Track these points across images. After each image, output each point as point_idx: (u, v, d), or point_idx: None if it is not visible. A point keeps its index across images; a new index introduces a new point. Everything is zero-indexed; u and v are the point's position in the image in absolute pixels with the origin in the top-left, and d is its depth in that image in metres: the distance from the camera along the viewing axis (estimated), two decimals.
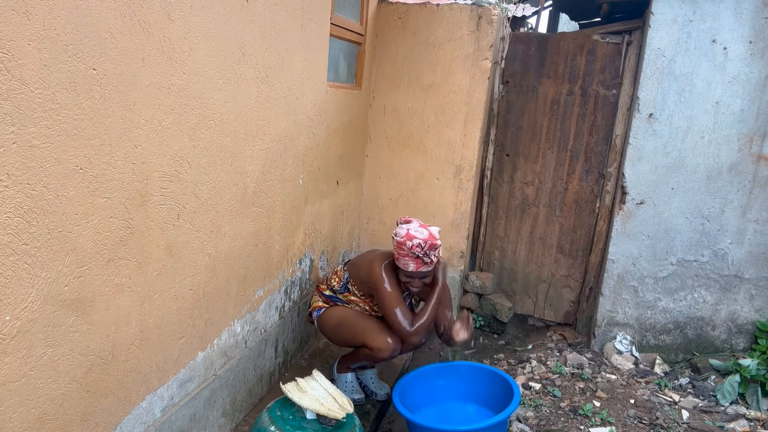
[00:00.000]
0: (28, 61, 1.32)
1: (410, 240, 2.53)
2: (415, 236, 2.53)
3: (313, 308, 2.95)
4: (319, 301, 2.95)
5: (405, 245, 2.54)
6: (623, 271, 3.64)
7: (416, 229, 2.57)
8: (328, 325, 2.85)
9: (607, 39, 3.74)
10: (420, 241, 2.52)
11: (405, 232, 2.56)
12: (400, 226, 2.63)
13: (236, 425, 2.62)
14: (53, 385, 1.55)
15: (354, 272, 2.83)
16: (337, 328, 2.82)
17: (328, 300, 2.91)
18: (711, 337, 3.61)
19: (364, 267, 2.75)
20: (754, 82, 3.27)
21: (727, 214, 3.44)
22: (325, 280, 2.99)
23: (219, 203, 2.21)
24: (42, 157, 1.40)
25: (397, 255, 2.60)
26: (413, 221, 2.66)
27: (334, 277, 2.93)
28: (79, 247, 1.56)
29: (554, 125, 3.95)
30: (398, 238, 2.57)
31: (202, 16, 1.93)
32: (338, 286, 2.88)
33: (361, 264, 2.80)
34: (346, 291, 2.86)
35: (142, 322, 1.88)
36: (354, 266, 2.85)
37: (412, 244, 2.52)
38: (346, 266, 2.91)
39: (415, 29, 3.80)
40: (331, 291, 2.91)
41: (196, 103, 1.97)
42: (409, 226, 2.60)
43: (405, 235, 2.55)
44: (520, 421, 2.97)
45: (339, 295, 2.88)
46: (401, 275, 2.65)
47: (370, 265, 2.71)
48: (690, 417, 3.04)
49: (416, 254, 2.53)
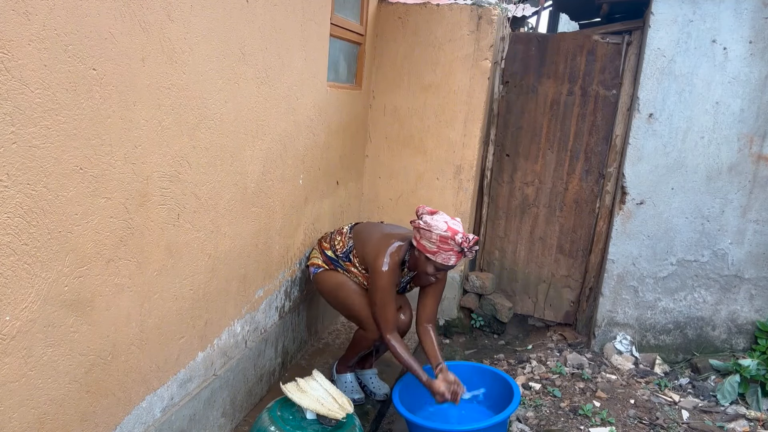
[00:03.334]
0: (28, 61, 1.32)
1: (456, 235, 2.43)
2: (458, 230, 2.45)
3: (312, 263, 2.89)
4: (318, 258, 2.88)
5: (453, 240, 2.43)
6: (623, 271, 3.64)
7: (454, 223, 2.48)
8: (326, 286, 2.83)
9: (607, 39, 3.74)
10: (462, 234, 2.44)
11: (445, 226, 2.45)
12: (432, 218, 2.50)
13: (236, 425, 2.62)
14: (53, 385, 1.55)
15: (359, 246, 2.75)
16: (336, 292, 2.80)
17: (328, 261, 2.84)
18: (711, 337, 3.61)
19: (370, 251, 2.66)
20: (754, 82, 3.27)
21: (727, 214, 3.44)
22: (329, 237, 2.91)
23: (219, 203, 2.21)
24: (42, 157, 1.40)
25: (435, 249, 2.47)
26: (439, 212, 2.55)
27: (338, 238, 2.85)
28: (79, 247, 1.56)
29: (554, 125, 3.95)
30: (440, 233, 2.44)
31: (202, 16, 1.93)
32: (341, 251, 2.80)
33: (367, 243, 2.71)
34: (348, 261, 2.79)
35: (142, 322, 1.88)
36: (360, 241, 2.76)
37: (461, 240, 2.43)
38: (352, 232, 2.83)
39: (415, 29, 3.80)
40: (333, 253, 2.83)
41: (196, 103, 1.97)
42: (444, 218, 2.49)
43: (448, 230, 2.44)
44: (520, 421, 2.97)
45: (341, 262, 2.81)
46: (425, 266, 2.55)
47: (376, 252, 2.62)
48: (690, 417, 3.04)
49: (463, 249, 2.45)
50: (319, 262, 2.88)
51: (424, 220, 2.51)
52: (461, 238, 2.43)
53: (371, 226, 2.87)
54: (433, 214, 2.53)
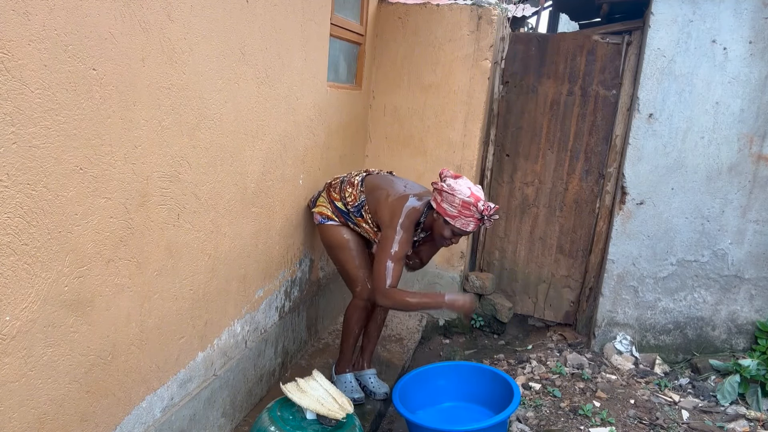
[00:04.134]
0: (28, 61, 1.32)
1: (479, 202, 2.41)
2: (480, 197, 2.42)
3: (319, 212, 2.83)
4: (327, 208, 2.82)
5: (475, 206, 2.40)
6: (623, 271, 3.64)
7: (477, 189, 2.45)
8: (329, 241, 2.82)
9: (607, 39, 3.74)
10: (484, 202, 2.42)
11: (469, 192, 2.41)
12: (456, 182, 2.45)
13: (236, 425, 2.62)
14: (53, 385, 1.55)
15: (371, 202, 2.68)
16: (336, 249, 2.81)
17: (338, 214, 2.78)
18: (711, 337, 3.61)
19: (386, 209, 2.59)
20: (754, 82, 3.27)
21: (727, 214, 3.44)
22: (339, 187, 2.81)
23: (219, 203, 2.21)
24: (42, 157, 1.40)
25: (456, 213, 2.43)
26: (462, 176, 2.50)
27: (349, 190, 2.76)
28: (79, 248, 1.56)
29: (554, 125, 3.95)
30: (464, 198, 2.40)
31: (202, 17, 1.93)
32: (352, 205, 2.73)
33: (382, 201, 2.63)
34: (359, 216, 2.73)
35: (142, 323, 1.88)
36: (373, 197, 2.68)
37: (483, 207, 2.41)
38: (364, 186, 2.75)
39: (415, 29, 3.80)
40: (344, 206, 2.76)
41: (196, 103, 1.97)
42: (468, 184, 2.44)
43: (471, 196, 2.41)
44: (520, 421, 2.97)
45: (352, 216, 2.75)
46: (442, 229, 2.51)
47: (392, 211, 2.55)
48: (690, 417, 3.04)
49: (483, 216, 2.43)
50: (327, 212, 2.81)
51: (448, 183, 2.46)
52: (483, 205, 2.42)
53: (384, 180, 2.76)
54: (457, 179, 2.48)
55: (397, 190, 2.66)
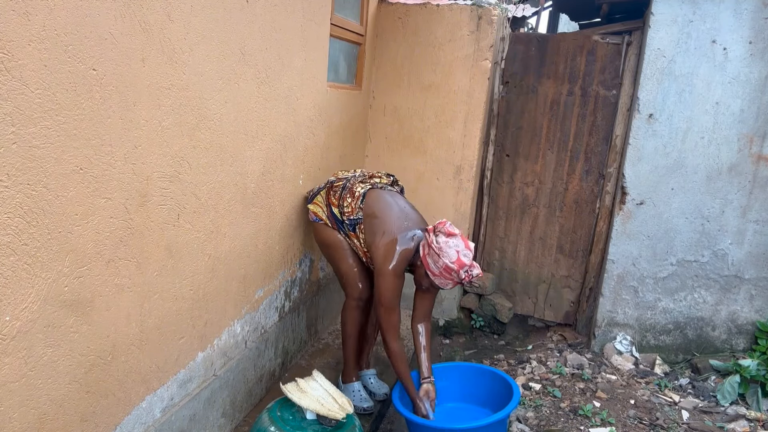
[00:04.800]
0: (28, 61, 1.32)
1: (462, 269, 2.43)
2: (465, 263, 2.43)
3: (314, 212, 2.83)
4: (322, 211, 2.81)
5: (456, 272, 2.43)
6: (623, 272, 3.64)
7: (465, 253, 2.44)
8: (321, 239, 2.84)
9: (607, 39, 3.74)
10: (467, 268, 2.44)
11: (455, 257, 2.42)
12: (447, 242, 2.45)
13: (236, 426, 2.62)
14: (53, 385, 1.55)
15: (367, 230, 2.66)
16: (328, 248, 2.83)
17: (332, 220, 2.78)
18: (711, 338, 3.60)
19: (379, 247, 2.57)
20: (754, 82, 3.27)
21: (727, 214, 3.44)
22: (340, 194, 2.76)
23: (219, 203, 2.21)
24: (42, 157, 1.40)
25: (437, 272, 2.48)
26: (457, 235, 2.48)
27: (348, 200, 2.72)
28: (79, 248, 1.56)
29: (554, 125, 3.95)
30: (447, 262, 2.42)
31: (202, 17, 1.93)
32: (348, 218, 2.71)
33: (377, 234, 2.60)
34: (353, 231, 2.72)
35: (142, 323, 1.88)
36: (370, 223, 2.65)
37: (464, 275, 2.44)
38: (364, 203, 2.69)
39: (415, 29, 3.80)
40: (340, 214, 2.74)
41: (196, 103, 1.97)
42: (458, 246, 2.44)
43: (456, 262, 2.41)
44: (521, 422, 2.97)
45: (345, 228, 2.74)
46: (421, 278, 2.59)
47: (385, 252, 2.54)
48: (690, 417, 3.03)
49: (462, 281, 2.48)
50: (321, 215, 2.81)
51: (438, 241, 2.46)
52: (464, 274, 2.44)
53: (384, 206, 2.68)
54: (450, 237, 2.47)
55: (392, 227, 2.61)
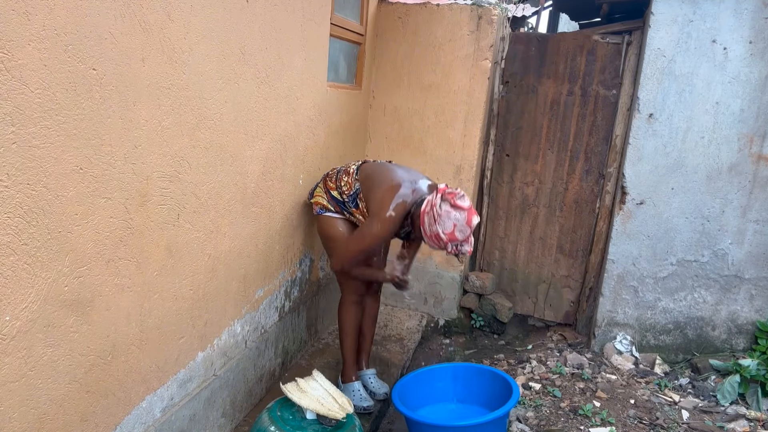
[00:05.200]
0: (28, 61, 1.32)
1: (449, 243, 2.40)
2: (456, 238, 2.39)
3: (316, 203, 2.83)
4: (323, 198, 2.81)
5: (444, 244, 2.41)
6: (623, 271, 3.64)
7: (461, 228, 2.37)
8: (324, 231, 2.83)
9: (607, 39, 3.74)
10: (456, 244, 2.41)
11: (450, 229, 2.36)
12: (450, 212, 2.37)
13: (236, 425, 2.62)
14: (53, 385, 1.55)
15: (365, 190, 2.65)
16: (329, 241, 2.82)
17: (334, 203, 2.77)
18: (711, 337, 3.60)
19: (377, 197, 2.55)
20: (754, 82, 3.27)
21: (727, 214, 3.44)
22: (335, 176, 2.80)
23: (219, 203, 2.21)
24: (42, 157, 1.40)
25: (428, 233, 2.42)
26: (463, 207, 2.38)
27: (344, 179, 2.74)
28: (79, 247, 1.56)
29: (554, 125, 3.95)
30: (440, 230, 2.37)
31: (202, 16, 1.93)
32: (348, 194, 2.70)
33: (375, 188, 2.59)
34: (354, 206, 2.70)
35: (141, 323, 1.88)
36: (367, 185, 2.65)
37: (450, 249, 2.43)
38: (359, 174, 2.71)
39: (415, 29, 3.80)
40: (340, 195, 2.74)
41: (196, 103, 1.97)
42: (457, 218, 2.36)
43: (447, 234, 2.37)
44: (520, 421, 2.97)
45: (348, 206, 2.73)
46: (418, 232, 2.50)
47: (381, 200, 2.52)
48: (690, 417, 3.04)
49: (449, 253, 2.46)
50: (323, 202, 2.80)
51: (441, 208, 2.38)
52: (452, 247, 2.42)
53: (381, 167, 2.71)
54: (455, 209, 2.37)
55: (392, 178, 2.59)
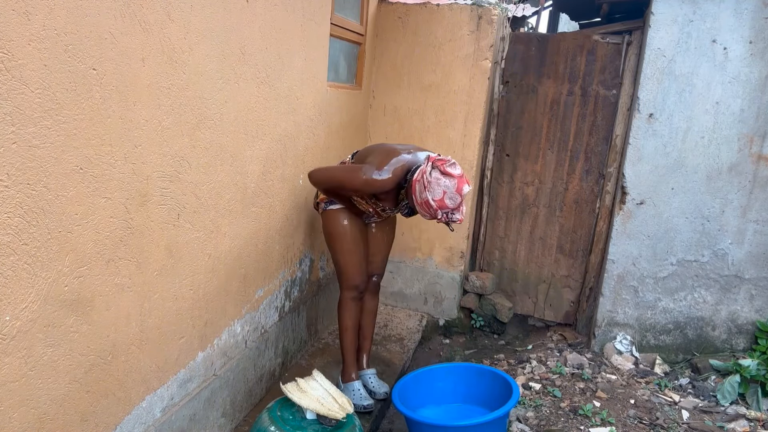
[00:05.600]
0: (28, 61, 1.32)
1: (438, 211, 2.38)
2: (446, 205, 2.37)
3: (321, 199, 2.80)
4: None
5: (433, 211, 2.39)
6: (623, 271, 3.64)
7: (451, 195, 2.36)
8: (330, 228, 2.78)
9: (607, 39, 3.74)
10: (446, 212, 2.39)
11: (440, 195, 2.35)
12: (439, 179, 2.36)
13: (236, 425, 2.62)
14: (53, 385, 1.55)
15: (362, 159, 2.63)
16: (332, 238, 2.79)
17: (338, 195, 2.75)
18: (711, 337, 3.60)
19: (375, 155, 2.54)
20: (754, 82, 3.27)
21: (727, 214, 3.43)
22: None
23: (219, 203, 2.21)
24: (42, 157, 1.40)
25: (418, 201, 2.41)
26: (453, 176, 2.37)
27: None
28: (79, 247, 1.56)
29: (554, 125, 3.95)
30: (429, 197, 2.36)
31: (202, 16, 1.93)
32: None
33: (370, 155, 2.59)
34: None
35: (142, 322, 1.88)
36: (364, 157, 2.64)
37: (440, 216, 2.40)
38: (354, 157, 2.74)
39: (415, 29, 3.80)
40: None
41: (196, 103, 1.97)
42: (447, 186, 2.35)
43: (437, 201, 2.36)
44: (520, 421, 2.97)
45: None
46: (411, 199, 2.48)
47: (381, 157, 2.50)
48: (690, 417, 3.04)
49: (439, 220, 2.44)
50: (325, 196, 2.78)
51: (431, 175, 2.37)
52: (441, 214, 2.39)
53: (376, 144, 2.75)
54: (445, 176, 2.36)
55: (390, 147, 2.61)
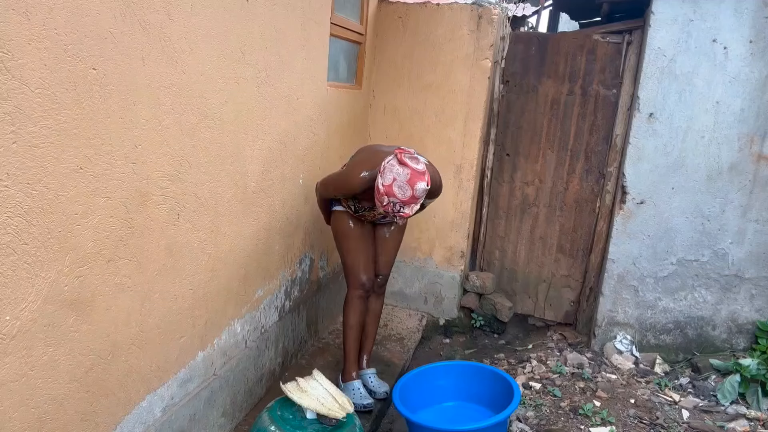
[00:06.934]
0: (28, 61, 1.32)
1: (387, 196, 2.32)
2: (393, 193, 2.31)
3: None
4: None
5: (381, 196, 2.35)
6: (623, 271, 3.64)
7: (401, 185, 2.30)
8: (337, 227, 2.84)
9: (608, 39, 3.74)
10: (393, 201, 2.33)
11: (389, 182, 2.31)
12: (393, 168, 2.32)
13: (236, 425, 2.62)
14: (53, 384, 1.55)
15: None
16: (341, 237, 2.84)
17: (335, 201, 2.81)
18: (711, 337, 3.60)
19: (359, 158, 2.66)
20: (754, 81, 3.27)
21: (727, 213, 3.43)
22: None
23: (219, 203, 2.21)
24: (42, 157, 1.40)
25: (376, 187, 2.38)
26: (407, 166, 2.31)
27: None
28: (79, 247, 1.56)
29: (554, 125, 3.95)
30: (379, 183, 2.33)
31: (202, 16, 1.93)
32: None
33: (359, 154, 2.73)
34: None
35: (142, 322, 1.88)
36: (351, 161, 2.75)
37: (385, 203, 2.35)
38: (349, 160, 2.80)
39: (415, 29, 3.79)
40: None
41: (196, 102, 1.97)
42: (398, 175, 2.30)
43: (385, 187, 2.32)
44: (521, 421, 2.97)
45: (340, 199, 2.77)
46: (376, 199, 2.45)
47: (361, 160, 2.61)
48: (690, 417, 3.03)
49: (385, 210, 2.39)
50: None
51: (391, 162, 2.35)
52: (386, 201, 2.34)
53: (363, 147, 2.85)
54: (400, 165, 2.32)
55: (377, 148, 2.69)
